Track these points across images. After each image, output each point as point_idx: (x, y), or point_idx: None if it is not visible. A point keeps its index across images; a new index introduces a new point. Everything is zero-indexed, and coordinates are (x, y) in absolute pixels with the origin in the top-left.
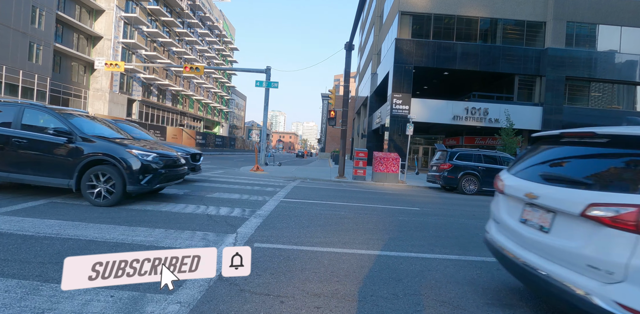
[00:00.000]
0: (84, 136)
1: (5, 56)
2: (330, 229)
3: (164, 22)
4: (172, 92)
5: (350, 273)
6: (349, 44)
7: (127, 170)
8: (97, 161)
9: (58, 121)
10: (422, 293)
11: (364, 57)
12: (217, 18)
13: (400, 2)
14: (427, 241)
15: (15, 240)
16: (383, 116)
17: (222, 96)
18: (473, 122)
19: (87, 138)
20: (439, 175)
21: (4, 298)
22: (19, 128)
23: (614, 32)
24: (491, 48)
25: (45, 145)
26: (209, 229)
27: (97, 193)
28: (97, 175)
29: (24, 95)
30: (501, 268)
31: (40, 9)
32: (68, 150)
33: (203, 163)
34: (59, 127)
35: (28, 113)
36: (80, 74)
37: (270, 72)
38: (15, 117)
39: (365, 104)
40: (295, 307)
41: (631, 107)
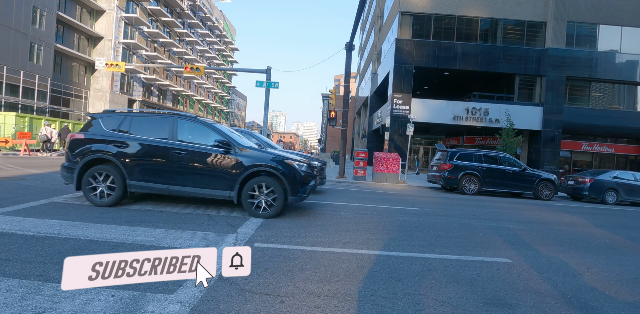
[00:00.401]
0: (241, 147)
1: (6, 56)
2: (331, 229)
3: (164, 22)
4: (173, 92)
5: (350, 272)
6: (350, 44)
7: (289, 181)
8: (255, 173)
9: (214, 132)
10: (422, 293)
11: (364, 57)
12: (218, 18)
13: (401, 2)
14: (427, 241)
15: (16, 240)
16: (383, 116)
17: (222, 96)
18: (473, 122)
19: (245, 148)
20: (439, 175)
21: (6, 297)
22: (176, 140)
23: (614, 32)
24: (491, 48)
25: (204, 157)
26: (209, 229)
27: (258, 205)
28: (258, 187)
29: (24, 95)
30: (501, 268)
31: (41, 10)
32: (228, 161)
33: None
34: (217, 138)
35: (181, 124)
36: (80, 74)
37: (270, 73)
38: (170, 129)
39: (365, 104)
40: (296, 307)
41: (632, 107)
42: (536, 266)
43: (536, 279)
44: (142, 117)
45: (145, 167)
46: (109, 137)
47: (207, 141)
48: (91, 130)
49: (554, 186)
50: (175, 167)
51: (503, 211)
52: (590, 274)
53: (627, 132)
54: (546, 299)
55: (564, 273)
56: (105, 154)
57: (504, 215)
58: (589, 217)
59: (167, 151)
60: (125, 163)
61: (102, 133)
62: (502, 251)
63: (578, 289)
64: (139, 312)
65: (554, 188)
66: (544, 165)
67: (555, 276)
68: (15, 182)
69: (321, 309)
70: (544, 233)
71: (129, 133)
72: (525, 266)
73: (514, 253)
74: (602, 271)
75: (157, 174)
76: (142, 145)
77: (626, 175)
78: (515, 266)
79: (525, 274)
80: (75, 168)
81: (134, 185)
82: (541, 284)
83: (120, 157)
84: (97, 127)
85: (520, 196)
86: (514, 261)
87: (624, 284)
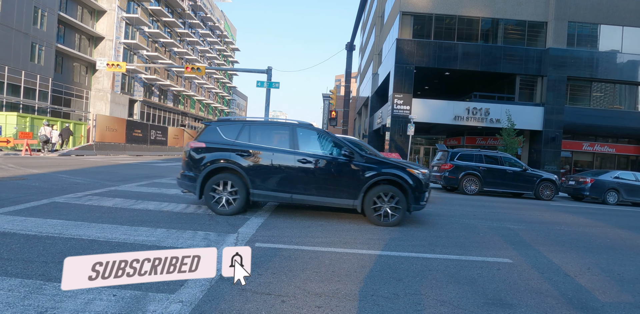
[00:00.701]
0: (363, 155)
1: (7, 56)
2: (331, 229)
3: (165, 22)
4: (174, 92)
5: (351, 272)
6: (350, 44)
7: (412, 190)
8: (377, 182)
9: (332, 141)
10: (422, 293)
11: (365, 58)
12: (219, 18)
13: (401, 3)
14: (428, 241)
15: (18, 240)
16: (384, 116)
17: (223, 96)
18: (474, 122)
19: (367, 157)
20: (440, 175)
21: (8, 296)
22: (297, 149)
23: (615, 32)
24: (492, 48)
25: (328, 166)
26: (210, 229)
27: (382, 214)
28: (382, 195)
29: (26, 95)
30: (502, 268)
31: (42, 10)
32: (351, 170)
33: None
34: (337, 147)
35: (299, 133)
36: (82, 75)
37: (271, 73)
38: (290, 138)
39: (366, 104)
40: (297, 306)
41: (633, 107)
42: (537, 266)
43: (537, 279)
44: (259, 125)
45: (269, 176)
46: (231, 146)
47: (325, 149)
48: (210, 138)
49: (554, 186)
50: (299, 176)
51: (504, 211)
52: (591, 274)
53: (628, 132)
54: (547, 299)
55: (564, 273)
56: (229, 163)
57: (504, 215)
58: (590, 217)
59: (291, 160)
60: (249, 172)
61: (223, 142)
62: (502, 251)
63: (579, 289)
64: (140, 312)
65: (555, 189)
66: (545, 165)
67: (556, 276)
68: (17, 182)
69: (322, 309)
70: (545, 233)
71: (249, 141)
72: (526, 266)
73: (514, 253)
74: (603, 271)
75: (281, 183)
76: (265, 154)
77: (627, 175)
78: (516, 266)
79: (526, 275)
80: (198, 176)
81: (257, 194)
82: (542, 285)
83: (244, 166)
84: (216, 135)
85: (521, 197)
86: (514, 261)
87: (625, 285)
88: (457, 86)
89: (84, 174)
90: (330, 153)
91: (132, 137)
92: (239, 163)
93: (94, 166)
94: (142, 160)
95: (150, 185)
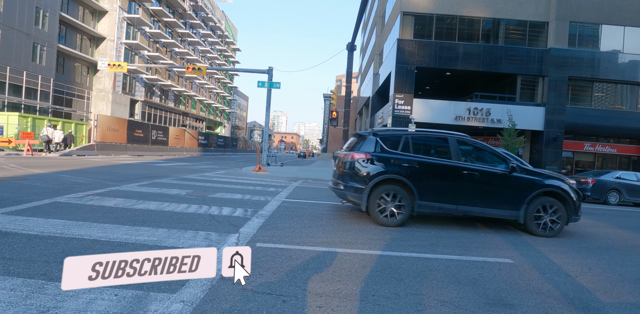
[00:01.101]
0: (524, 167)
1: (9, 57)
2: (332, 229)
3: (166, 22)
4: (175, 92)
5: (352, 272)
6: (351, 44)
7: (572, 201)
8: (539, 194)
9: (490, 152)
10: (423, 293)
11: (365, 58)
12: (220, 19)
13: (402, 3)
14: (429, 241)
15: (20, 239)
16: (385, 116)
17: (224, 96)
18: (475, 123)
19: (527, 169)
20: None
21: (10, 296)
22: (459, 160)
23: (617, 32)
24: (493, 48)
25: (492, 178)
26: (211, 229)
27: (543, 224)
28: (543, 207)
29: (27, 95)
30: (503, 268)
31: (43, 10)
32: (514, 182)
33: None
34: (498, 158)
35: (459, 144)
36: (83, 75)
37: (272, 73)
38: (453, 149)
39: (367, 104)
40: (298, 306)
41: (634, 107)
42: (538, 267)
43: (538, 279)
44: (416, 136)
45: (434, 188)
46: (397, 157)
47: (487, 161)
48: (373, 150)
49: None
50: (464, 188)
51: None
52: (592, 274)
53: (630, 132)
54: (548, 299)
55: (565, 273)
56: (397, 174)
57: None
58: (591, 218)
59: (457, 172)
60: (416, 184)
61: (387, 153)
62: (503, 251)
63: (580, 289)
64: (142, 311)
65: None
66: (546, 166)
67: (557, 276)
68: (19, 182)
69: (323, 308)
70: None
71: (411, 153)
72: (527, 267)
73: (515, 253)
74: (604, 271)
75: (447, 194)
76: (431, 166)
77: (629, 175)
78: (517, 266)
79: (527, 275)
80: (365, 188)
81: (423, 205)
82: (543, 285)
83: (411, 177)
84: (377, 146)
85: None
86: (515, 262)
87: (626, 285)
88: (458, 86)
89: (86, 174)
90: (493, 165)
91: (133, 137)
92: (406, 175)
93: (95, 167)
94: (143, 160)
95: (152, 185)
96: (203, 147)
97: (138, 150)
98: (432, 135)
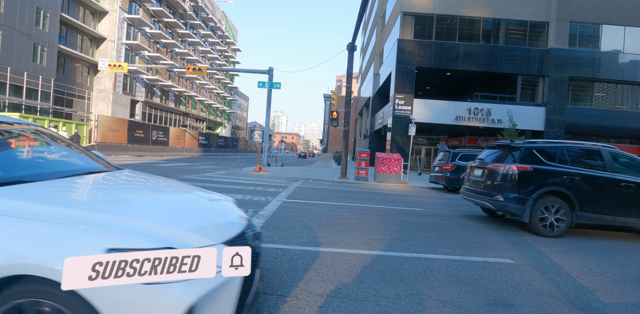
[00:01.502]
0: None
1: (10, 57)
2: (333, 229)
3: (166, 23)
4: (175, 93)
5: (352, 273)
6: (352, 44)
7: None
8: None
9: None
10: (424, 293)
11: (366, 58)
12: (220, 19)
13: (403, 3)
14: (430, 242)
15: None
16: (385, 117)
17: (224, 97)
18: (476, 123)
19: None
20: (441, 176)
21: None
22: (614, 172)
23: (617, 32)
24: (494, 48)
25: None
26: None
27: None
28: None
29: (28, 96)
30: (503, 269)
31: (44, 11)
32: None
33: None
34: None
35: (615, 157)
36: (84, 75)
37: (272, 73)
38: (608, 162)
39: (367, 105)
40: (298, 307)
41: (635, 107)
42: (538, 267)
43: (538, 279)
44: (571, 147)
45: (593, 200)
46: (558, 169)
47: (638, 172)
48: (531, 162)
49: None
50: (622, 200)
51: None
52: (593, 275)
53: (631, 132)
54: (549, 300)
55: (566, 273)
56: (559, 187)
57: None
58: None
59: (616, 184)
60: (577, 196)
61: (548, 166)
62: (504, 251)
63: (581, 290)
64: None
65: None
66: None
67: (558, 276)
68: None
69: (324, 309)
70: None
71: (567, 165)
72: (528, 267)
73: (516, 253)
74: (605, 272)
75: (605, 206)
76: (592, 178)
77: None
78: (518, 266)
79: (528, 275)
80: (527, 199)
81: (583, 217)
82: (544, 285)
83: (572, 190)
84: (535, 158)
85: None
86: (516, 262)
87: (627, 285)
88: (458, 86)
89: None
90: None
91: (133, 138)
92: (567, 187)
93: None
94: (143, 160)
95: None
96: (203, 147)
97: (139, 150)
98: (585, 148)
